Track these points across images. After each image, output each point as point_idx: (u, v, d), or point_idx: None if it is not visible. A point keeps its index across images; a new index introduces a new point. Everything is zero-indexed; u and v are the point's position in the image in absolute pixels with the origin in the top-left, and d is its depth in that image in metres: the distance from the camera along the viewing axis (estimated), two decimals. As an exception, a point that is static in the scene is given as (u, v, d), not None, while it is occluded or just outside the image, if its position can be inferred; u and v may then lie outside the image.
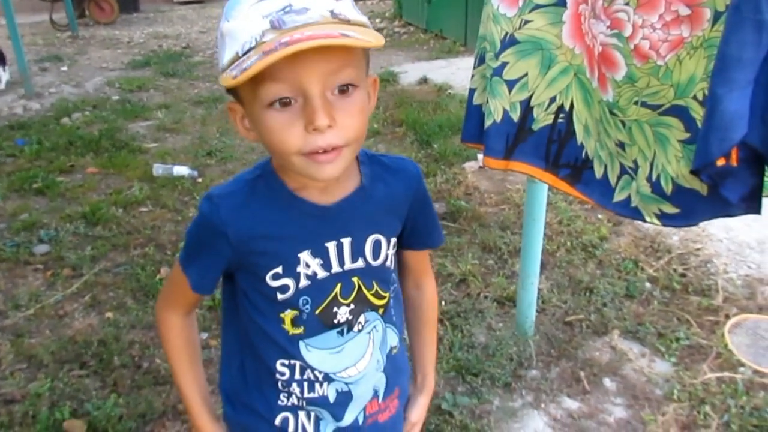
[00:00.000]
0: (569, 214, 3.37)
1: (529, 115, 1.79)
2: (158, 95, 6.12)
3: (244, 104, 0.88)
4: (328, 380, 1.04)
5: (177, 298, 1.09)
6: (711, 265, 2.96)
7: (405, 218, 1.06)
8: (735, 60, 1.05)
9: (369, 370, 1.07)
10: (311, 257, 0.97)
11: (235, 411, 1.11)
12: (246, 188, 0.97)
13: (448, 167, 4.06)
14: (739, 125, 1.06)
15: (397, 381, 1.14)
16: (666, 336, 2.50)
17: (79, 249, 3.18)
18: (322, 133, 0.82)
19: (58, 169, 4.21)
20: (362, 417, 1.09)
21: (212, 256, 0.98)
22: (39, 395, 2.20)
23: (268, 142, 0.87)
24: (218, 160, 4.37)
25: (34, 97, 5.97)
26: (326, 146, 0.84)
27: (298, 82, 0.80)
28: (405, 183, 1.05)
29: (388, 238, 1.03)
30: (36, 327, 2.61)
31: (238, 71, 0.78)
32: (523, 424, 2.12)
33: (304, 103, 0.82)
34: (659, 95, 1.41)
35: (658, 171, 1.47)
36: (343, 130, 0.84)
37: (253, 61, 0.77)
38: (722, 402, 2.17)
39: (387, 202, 1.02)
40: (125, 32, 9.69)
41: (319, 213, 0.96)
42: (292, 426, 1.07)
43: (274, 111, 0.83)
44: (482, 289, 2.80)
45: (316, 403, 1.06)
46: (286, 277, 0.97)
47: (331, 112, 0.82)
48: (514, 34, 1.74)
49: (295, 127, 0.83)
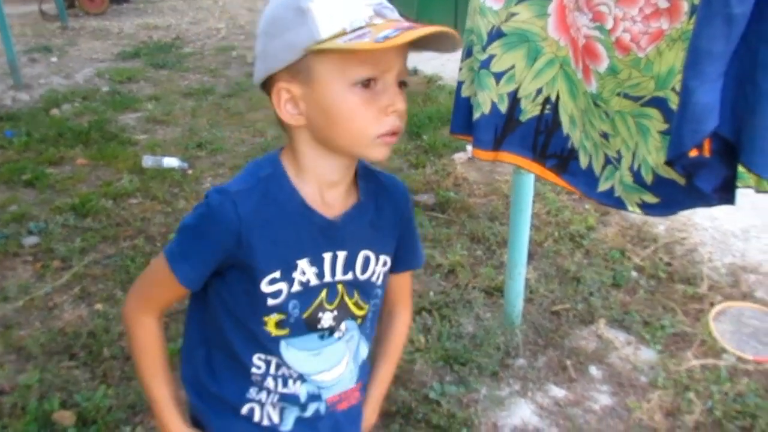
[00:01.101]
0: (557, 205, 3.40)
1: (516, 106, 1.81)
2: (148, 87, 6.09)
3: (312, 84, 0.90)
4: (302, 380, 1.06)
5: (155, 297, 1.06)
6: (696, 254, 3.00)
7: (397, 235, 1.09)
8: (706, 53, 1.07)
9: (343, 378, 1.09)
10: (309, 265, 0.99)
11: (202, 400, 1.11)
12: (260, 188, 0.96)
13: (437, 158, 4.08)
14: (711, 117, 1.08)
15: (361, 378, 1.16)
16: (651, 324, 2.53)
17: (68, 241, 3.18)
18: (398, 115, 0.91)
19: (48, 160, 4.19)
20: (324, 407, 1.11)
21: (212, 251, 0.96)
22: (28, 387, 2.21)
23: (346, 120, 0.90)
24: (208, 152, 4.36)
25: (23, 88, 5.92)
26: (397, 128, 0.92)
27: (386, 67, 0.88)
28: (395, 204, 1.08)
29: (377, 254, 1.05)
30: (25, 319, 2.62)
31: (375, 38, 0.82)
32: (510, 412, 2.15)
33: (383, 88, 0.89)
34: (640, 87, 1.43)
35: (639, 161, 1.49)
36: (403, 118, 0.93)
37: (394, 32, 0.82)
38: (706, 389, 2.20)
39: (378, 220, 1.05)
40: (115, 23, 9.62)
41: (325, 226, 0.98)
42: (258, 415, 1.08)
43: (359, 89, 0.88)
44: (470, 279, 2.82)
45: (287, 399, 1.07)
46: (281, 281, 0.98)
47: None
48: (501, 27, 1.75)
49: (375, 105, 0.89)
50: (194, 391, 1.12)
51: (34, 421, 2.04)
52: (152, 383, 1.08)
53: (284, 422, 1.10)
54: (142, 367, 1.08)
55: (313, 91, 0.90)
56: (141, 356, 1.08)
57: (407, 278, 1.20)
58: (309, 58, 0.88)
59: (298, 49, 0.88)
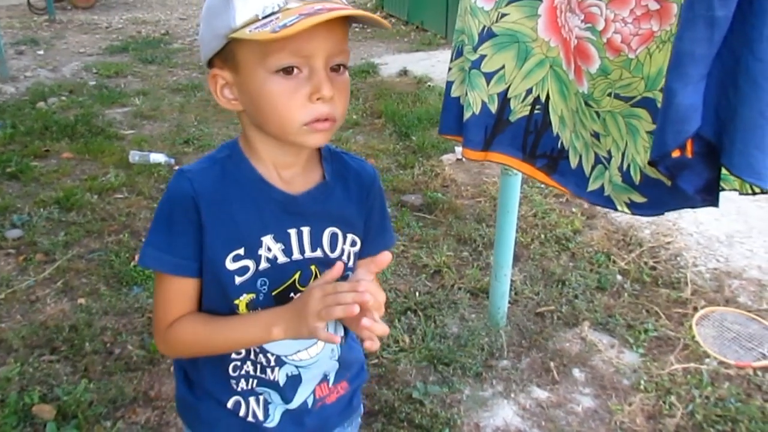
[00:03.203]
0: (544, 207, 3.41)
1: (506, 106, 1.82)
2: (136, 82, 6.05)
3: (239, 71, 0.90)
4: (280, 364, 1.05)
5: (172, 311, 1.00)
6: (681, 259, 3.02)
7: (364, 217, 1.08)
8: (688, 55, 1.09)
9: (322, 357, 1.08)
10: (273, 242, 0.99)
11: (191, 393, 1.11)
12: (217, 167, 0.98)
13: (425, 159, 4.08)
14: (693, 118, 1.09)
15: (349, 369, 1.16)
16: (635, 328, 2.54)
17: (52, 234, 3.15)
18: (325, 102, 0.88)
19: (33, 153, 4.16)
20: (312, 400, 1.10)
21: (188, 232, 0.95)
22: (8, 379, 2.19)
23: (270, 109, 0.89)
24: (195, 148, 4.34)
25: (9, 80, 5.87)
26: (327, 115, 0.90)
27: (308, 52, 0.86)
28: (361, 184, 1.07)
29: (344, 233, 1.05)
30: (6, 311, 2.59)
31: (274, 27, 0.81)
32: (493, 413, 2.15)
33: (309, 74, 0.88)
34: (631, 87, 1.45)
35: (628, 161, 1.51)
36: (338, 105, 0.91)
37: (294, 20, 0.80)
38: (687, 392, 2.22)
39: (345, 200, 1.05)
40: (104, 17, 9.55)
41: (285, 201, 0.98)
42: (243, 410, 1.08)
43: (280, 78, 0.87)
44: (456, 280, 2.82)
45: (267, 385, 1.07)
46: (246, 258, 0.98)
47: (332, 86, 0.88)
48: (492, 28, 1.76)
49: (299, 93, 0.88)
50: (183, 385, 1.12)
51: (14, 414, 2.02)
52: (238, 333, 0.98)
53: (270, 417, 1.09)
54: (214, 339, 1.00)
55: (241, 78, 0.91)
56: (201, 338, 1.00)
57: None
58: (233, 45, 0.89)
59: (220, 37, 0.88)
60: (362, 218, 1.08)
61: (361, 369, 1.22)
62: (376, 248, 1.12)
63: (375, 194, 1.10)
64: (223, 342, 1.00)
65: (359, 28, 8.69)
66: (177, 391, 1.15)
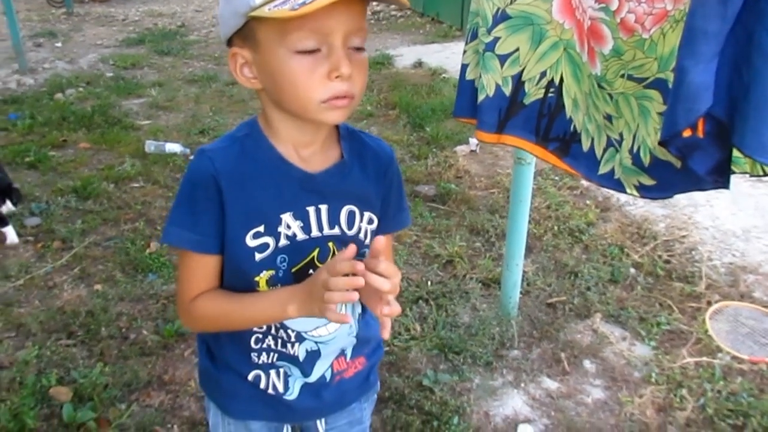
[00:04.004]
0: (558, 199, 3.40)
1: (520, 89, 1.82)
2: (152, 73, 6.10)
3: (260, 47, 0.91)
4: (300, 339, 1.08)
5: (195, 284, 1.03)
6: (696, 253, 3.00)
7: (381, 196, 1.09)
8: (701, 33, 1.07)
9: (341, 333, 1.10)
10: (293, 219, 1.00)
11: (212, 364, 1.14)
12: (236, 146, 1.00)
13: (439, 150, 4.08)
14: (705, 97, 1.08)
15: (367, 345, 1.18)
16: (647, 321, 2.53)
17: (69, 222, 3.20)
18: (343, 80, 0.89)
19: (51, 143, 4.21)
20: (330, 374, 1.13)
21: (210, 210, 0.97)
22: (27, 362, 2.23)
23: (290, 86, 0.90)
24: (211, 138, 4.37)
25: (27, 72, 5.94)
26: (345, 92, 0.91)
27: (327, 30, 0.87)
28: (379, 163, 1.08)
29: (362, 211, 1.06)
30: (25, 297, 2.63)
31: (293, 5, 0.81)
32: (502, 402, 2.16)
33: (328, 53, 0.88)
34: (644, 68, 1.44)
35: (639, 143, 1.51)
36: (357, 83, 0.92)
37: None
38: (699, 386, 2.21)
39: (362, 178, 1.06)
40: (120, 10, 9.62)
41: (304, 179, 1.00)
42: (264, 382, 1.11)
43: (301, 55, 0.88)
44: (468, 270, 2.83)
45: (287, 359, 1.09)
46: (266, 235, 1.00)
47: (351, 64, 0.89)
48: (506, 10, 1.76)
49: (318, 71, 0.89)
50: (206, 357, 1.15)
51: (32, 396, 2.06)
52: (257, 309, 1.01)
53: (290, 390, 1.12)
54: (234, 314, 1.02)
55: (260, 57, 0.92)
56: (222, 313, 1.03)
57: (389, 240, 1.17)
58: (252, 24, 0.89)
59: (240, 15, 0.89)
60: (379, 197, 1.09)
61: (378, 346, 1.24)
62: (393, 226, 1.15)
63: (392, 173, 1.11)
64: (243, 318, 1.02)
65: (374, 20, 8.68)
66: (200, 363, 1.18)
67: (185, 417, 2.05)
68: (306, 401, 1.13)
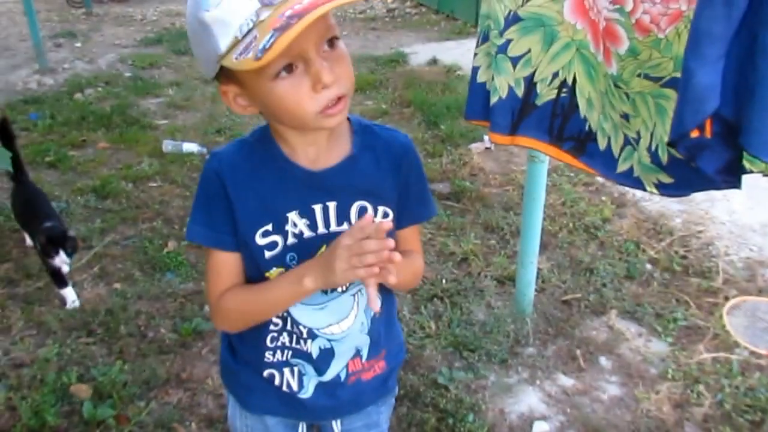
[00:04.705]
0: (573, 196, 3.39)
1: (532, 90, 1.83)
2: (170, 72, 6.14)
3: (243, 83, 0.93)
4: (312, 336, 1.09)
5: (220, 281, 1.07)
6: (712, 248, 2.98)
7: (399, 187, 1.09)
8: (706, 35, 1.08)
9: (353, 331, 1.11)
10: (298, 217, 1.03)
11: (232, 357, 1.18)
12: (245, 149, 1.06)
13: (454, 148, 4.08)
14: (711, 98, 1.09)
15: (385, 344, 1.18)
16: (664, 316, 2.52)
17: (89, 221, 3.24)
18: (329, 88, 0.90)
19: (70, 143, 4.27)
20: (344, 374, 1.14)
21: (221, 207, 1.02)
22: (47, 360, 2.27)
23: (283, 109, 0.93)
24: (227, 137, 4.40)
25: (48, 72, 6.00)
26: (335, 97, 0.92)
27: (298, 50, 0.87)
28: (393, 155, 1.08)
29: (375, 205, 1.06)
30: (46, 296, 2.68)
31: (256, 52, 0.81)
32: (518, 399, 2.16)
33: (306, 67, 0.89)
34: (660, 67, 1.45)
35: (656, 141, 1.51)
36: (343, 80, 0.92)
37: (271, 39, 0.80)
38: (716, 382, 2.20)
39: (374, 172, 1.06)
40: (138, 10, 9.69)
41: (307, 177, 1.03)
42: (278, 380, 1.14)
43: (281, 80, 0.89)
44: (483, 268, 2.83)
45: (301, 357, 1.11)
46: (275, 234, 1.03)
47: (331, 68, 0.90)
48: (518, 12, 1.77)
49: (303, 88, 0.90)
50: (227, 351, 1.19)
51: (52, 393, 2.10)
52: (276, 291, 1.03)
53: (304, 388, 1.14)
54: (257, 302, 1.05)
55: (246, 90, 0.94)
56: (247, 304, 1.06)
57: (415, 231, 1.18)
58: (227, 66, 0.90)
59: (213, 61, 0.90)
60: (396, 189, 1.09)
61: (399, 350, 1.26)
62: (416, 218, 1.15)
63: (409, 163, 1.10)
64: (265, 302, 1.05)
65: (389, 18, 8.68)
66: (221, 356, 1.22)
67: (203, 414, 2.08)
68: (321, 400, 1.15)
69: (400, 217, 1.11)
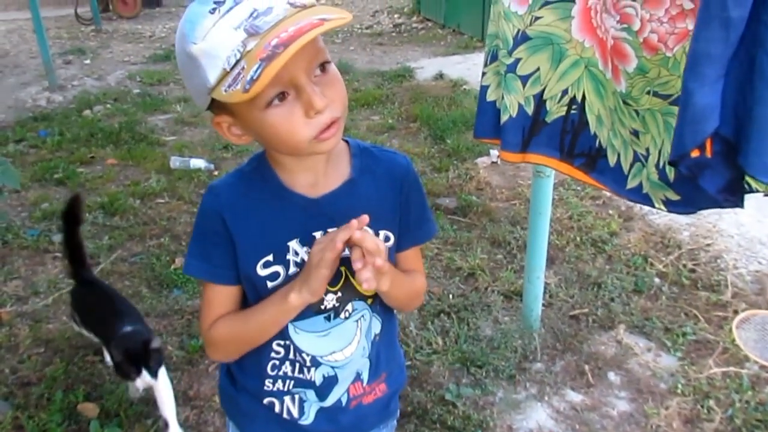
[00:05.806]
0: (580, 210, 3.38)
1: (542, 107, 1.84)
2: (177, 89, 6.19)
3: (235, 113, 0.93)
4: (316, 364, 1.08)
5: (213, 312, 1.06)
6: (721, 261, 2.96)
7: (400, 210, 1.09)
8: (704, 56, 1.08)
9: (355, 356, 1.11)
10: (299, 246, 1.02)
11: (232, 385, 1.16)
12: (244, 180, 1.04)
13: (460, 162, 4.08)
14: (711, 118, 1.09)
15: (385, 367, 1.17)
16: (673, 331, 2.51)
17: (96, 238, 3.26)
18: (322, 113, 0.89)
19: (79, 160, 4.30)
20: (346, 398, 1.13)
21: (220, 243, 1.01)
22: (55, 378, 2.27)
23: (277, 137, 0.92)
24: (234, 153, 4.42)
25: (57, 89, 6.07)
26: (329, 122, 0.91)
27: (289, 76, 0.86)
28: (393, 177, 1.08)
29: (376, 229, 1.05)
30: (53, 313, 2.69)
31: (245, 84, 0.81)
32: (526, 415, 2.15)
33: (297, 93, 0.88)
34: (669, 85, 1.46)
35: (664, 158, 1.52)
36: (335, 103, 0.92)
37: (258, 69, 0.80)
38: (727, 396, 2.18)
39: (375, 194, 1.06)
40: (147, 27, 9.80)
41: (306, 205, 1.02)
42: (278, 407, 1.12)
43: (274, 108, 0.89)
44: (490, 283, 2.82)
45: (303, 385, 1.10)
46: (276, 264, 1.02)
47: (323, 92, 0.89)
48: (526, 31, 1.79)
49: (296, 114, 0.89)
50: (225, 377, 1.18)
51: (59, 412, 2.10)
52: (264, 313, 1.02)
53: (305, 415, 1.13)
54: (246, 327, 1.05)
55: (239, 120, 0.94)
56: (236, 330, 1.05)
57: (416, 251, 1.17)
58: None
59: (204, 94, 0.90)
60: (397, 212, 1.08)
61: (400, 372, 1.24)
62: (418, 239, 1.14)
63: (409, 184, 1.10)
64: (255, 326, 1.04)
65: (395, 33, 8.72)
66: (220, 383, 1.21)
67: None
68: (322, 426, 1.13)
69: (401, 239, 1.10)
